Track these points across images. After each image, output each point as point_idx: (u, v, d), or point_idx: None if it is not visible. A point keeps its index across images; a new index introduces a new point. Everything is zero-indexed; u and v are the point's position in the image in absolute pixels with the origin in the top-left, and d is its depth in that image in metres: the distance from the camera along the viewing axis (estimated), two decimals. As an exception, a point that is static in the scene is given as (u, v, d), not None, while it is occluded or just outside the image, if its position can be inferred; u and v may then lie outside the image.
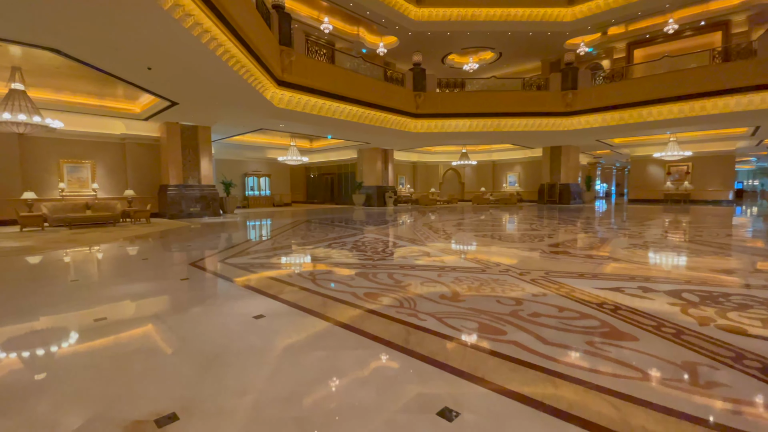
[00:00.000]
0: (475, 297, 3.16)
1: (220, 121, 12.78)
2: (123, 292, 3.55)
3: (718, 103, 13.07)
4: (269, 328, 2.54)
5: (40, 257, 5.45)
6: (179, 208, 12.59)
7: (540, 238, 6.84)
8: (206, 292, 3.49)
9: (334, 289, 3.44)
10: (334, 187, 24.81)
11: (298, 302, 3.07)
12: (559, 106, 16.43)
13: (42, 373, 1.93)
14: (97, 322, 2.71)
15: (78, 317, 2.85)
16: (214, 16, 6.88)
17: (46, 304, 3.14)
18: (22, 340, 2.39)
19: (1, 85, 8.51)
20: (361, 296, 3.20)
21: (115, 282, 3.94)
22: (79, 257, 5.51)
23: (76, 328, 2.63)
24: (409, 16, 16.19)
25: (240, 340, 2.33)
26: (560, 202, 19.42)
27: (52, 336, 2.49)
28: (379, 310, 2.84)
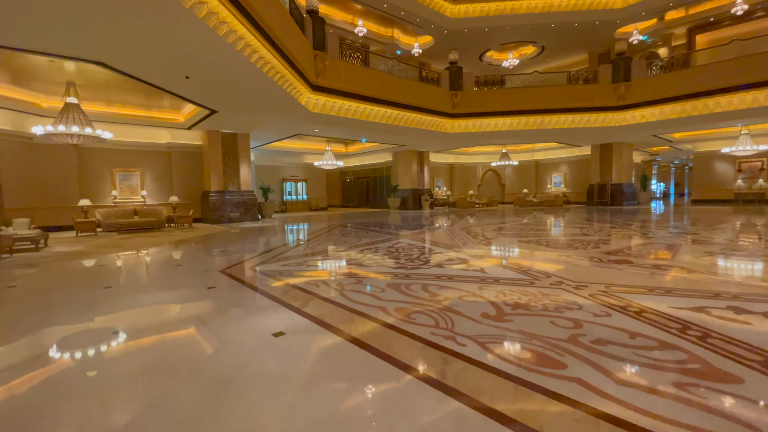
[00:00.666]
0: (523, 316, 2.73)
1: (258, 127, 13.03)
2: (148, 301, 3.47)
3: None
4: (288, 349, 2.27)
5: (84, 262, 5.64)
6: (220, 213, 12.95)
7: (594, 244, 6.16)
8: (229, 303, 3.31)
9: (362, 302, 3.14)
10: (369, 191, 24.73)
11: (323, 317, 2.80)
12: (610, 100, 15.23)
13: (35, 395, 1.78)
14: (111, 334, 2.59)
15: (92, 332, 2.75)
16: (248, 23, 6.90)
17: (70, 314, 3.10)
18: (23, 353, 2.30)
19: (57, 100, 9.10)
20: (391, 312, 2.87)
21: (145, 290, 3.89)
22: (119, 263, 5.64)
23: (83, 344, 2.51)
24: (445, 14, 15.73)
25: (255, 363, 2.08)
26: (612, 203, 18.00)
27: (50, 353, 2.38)
28: (412, 330, 2.49)
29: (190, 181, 13.63)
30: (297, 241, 7.70)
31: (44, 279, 4.58)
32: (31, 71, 8.13)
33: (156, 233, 9.87)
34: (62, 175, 11.14)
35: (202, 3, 5.90)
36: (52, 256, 6.31)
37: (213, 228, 11.11)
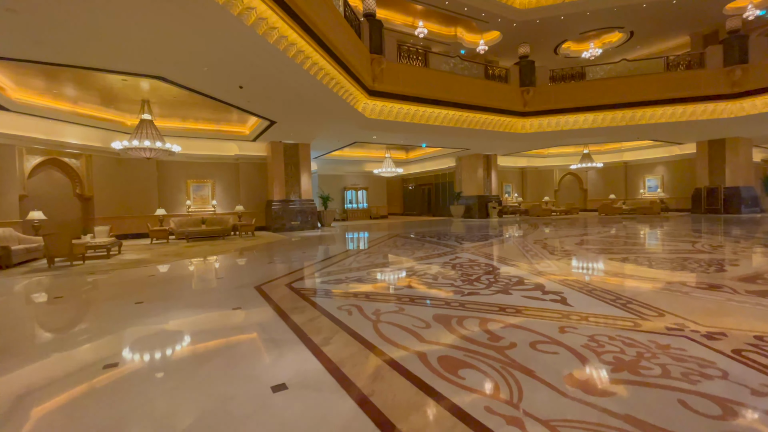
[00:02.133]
0: (631, 386, 1.79)
1: (317, 137, 13.04)
2: (162, 323, 3.14)
3: None
4: (283, 417, 1.65)
5: (141, 271, 5.73)
6: (282, 222, 13.15)
7: (716, 266, 4.70)
8: (241, 333, 2.83)
9: (397, 343, 2.43)
10: (431, 199, 23.84)
11: (342, 364, 2.14)
12: (721, 87, 12.63)
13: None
14: (89, 370, 2.21)
15: (81, 363, 2.42)
16: (299, 28, 6.67)
17: (78, 337, 2.85)
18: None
19: (132, 118, 9.84)
20: (433, 365, 2.11)
21: (169, 308, 3.61)
22: (169, 274, 5.62)
23: (52, 376, 2.15)
24: (514, 6, 14.45)
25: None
26: (726, 211, 14.91)
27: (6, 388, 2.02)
28: (457, 399, 1.72)
29: (256, 190, 14.11)
30: (345, 253, 7.23)
31: (92, 290, 4.62)
32: (114, 92, 8.87)
33: (219, 241, 10.18)
34: (144, 187, 12.15)
35: (250, 9, 5.76)
36: (118, 263, 6.59)
37: (273, 236, 11.22)
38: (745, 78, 12.19)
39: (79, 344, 2.70)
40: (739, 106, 12.48)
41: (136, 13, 5.07)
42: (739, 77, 12.21)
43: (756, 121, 12.75)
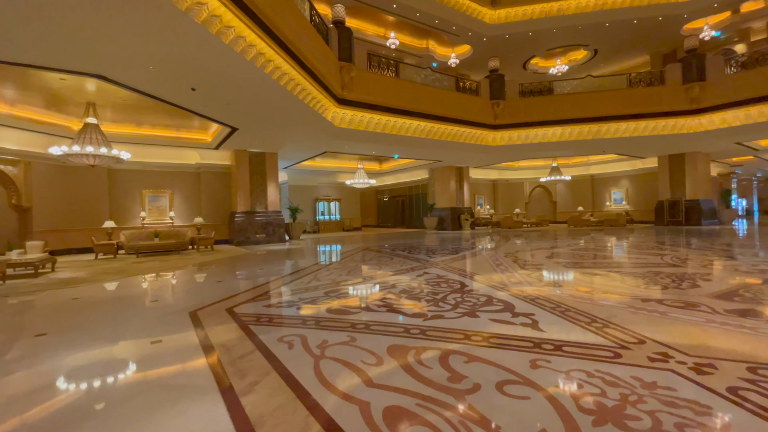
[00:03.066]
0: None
1: (285, 145, 12.52)
2: (62, 359, 2.54)
3: None
4: None
5: (67, 292, 4.99)
6: (246, 235, 12.43)
7: (689, 281, 4.53)
8: (144, 377, 2.29)
9: (339, 388, 1.97)
10: (405, 210, 23.60)
11: (260, 424, 1.67)
12: (681, 104, 13.11)
13: None
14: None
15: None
16: (258, 28, 6.23)
17: (-56, 385, 2.22)
18: None
19: (76, 121, 9.03)
20: (376, 420, 1.67)
21: (79, 339, 2.99)
22: (97, 297, 4.93)
23: None
24: (483, 20, 14.63)
25: None
26: (687, 222, 15.40)
27: None
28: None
29: (218, 202, 13.35)
30: (307, 269, 6.71)
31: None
32: (57, 94, 8.08)
33: (173, 257, 9.39)
34: (93, 197, 11.18)
35: (201, 5, 5.28)
36: (45, 284, 5.79)
37: (234, 251, 10.51)
38: (702, 95, 12.70)
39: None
40: (698, 122, 12.98)
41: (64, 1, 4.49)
42: (697, 94, 12.72)
43: (713, 137, 13.29)
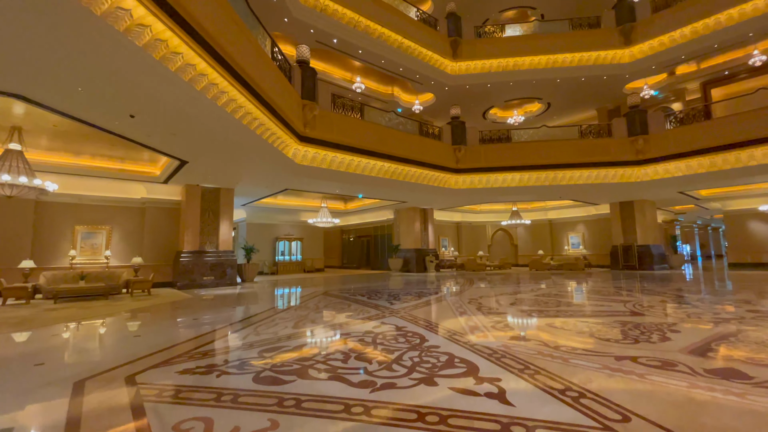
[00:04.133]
0: None
1: (242, 181, 11.90)
2: None
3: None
4: None
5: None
6: (192, 277, 11.31)
7: (659, 333, 4.28)
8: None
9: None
10: (370, 251, 23.08)
11: None
12: (627, 154, 13.97)
13: None
14: None
15: None
16: (209, 56, 5.87)
17: None
18: None
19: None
20: None
21: None
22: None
23: None
24: (446, 71, 15.32)
25: None
26: (640, 267, 15.94)
27: None
28: None
29: (164, 240, 12.23)
30: (249, 319, 5.94)
31: None
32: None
33: (100, 302, 8.19)
34: (12, 232, 9.82)
35: (143, 27, 4.87)
36: None
37: (175, 295, 9.41)
38: (647, 147, 13.63)
39: None
40: (644, 172, 13.81)
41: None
42: (642, 146, 13.63)
43: (658, 186, 14.14)
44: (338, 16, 12.28)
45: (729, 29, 12.14)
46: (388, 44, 13.57)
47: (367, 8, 12.90)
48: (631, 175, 13.93)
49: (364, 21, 12.80)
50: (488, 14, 17.65)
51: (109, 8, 4.42)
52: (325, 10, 11.99)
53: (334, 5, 12.00)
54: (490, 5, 17.19)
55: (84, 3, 4.21)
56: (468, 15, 16.75)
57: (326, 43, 12.91)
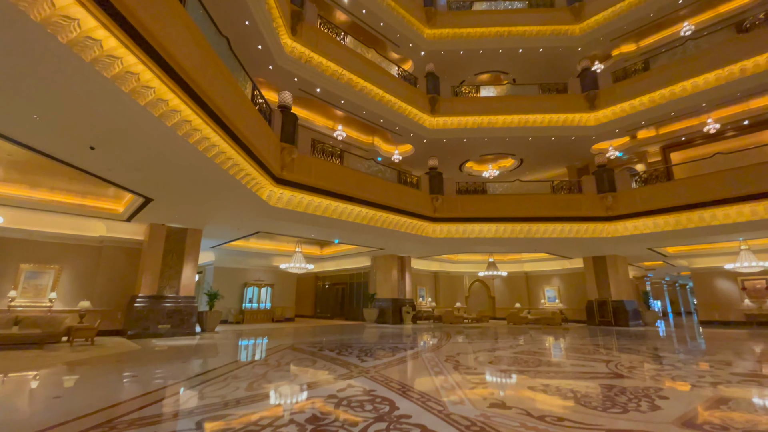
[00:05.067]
0: None
1: (211, 222, 11.38)
2: None
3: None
4: None
5: None
6: (145, 325, 10.29)
7: (647, 400, 3.96)
8: None
9: None
10: (344, 300, 22.20)
11: None
12: (598, 210, 14.42)
13: None
14: None
15: None
16: (186, 96, 5.71)
17: None
18: None
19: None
20: None
21: None
22: None
23: None
24: (424, 125, 15.90)
25: None
26: (616, 323, 15.85)
27: None
28: None
29: (120, 283, 11.29)
30: (201, 376, 5.26)
31: None
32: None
33: (30, 353, 7.18)
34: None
35: (113, 58, 4.70)
36: None
37: (122, 346, 8.43)
38: (615, 204, 14.13)
39: None
40: (613, 228, 14.19)
41: None
42: (611, 203, 14.14)
43: (628, 242, 14.49)
44: (322, 68, 12.72)
45: (683, 99, 13.28)
46: (369, 97, 14.05)
47: (351, 63, 13.47)
48: (602, 230, 14.28)
49: (347, 74, 13.29)
50: (464, 76, 18.84)
51: (77, 37, 4.25)
52: (310, 62, 12.41)
53: (319, 58, 12.46)
54: (466, 69, 18.43)
55: (50, 30, 4.04)
56: (445, 76, 17.80)
57: (309, 92, 13.23)
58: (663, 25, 16.26)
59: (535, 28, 16.75)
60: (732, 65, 12.37)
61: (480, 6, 18.11)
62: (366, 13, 15.41)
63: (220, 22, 9.22)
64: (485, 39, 16.86)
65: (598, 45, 17.02)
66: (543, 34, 16.81)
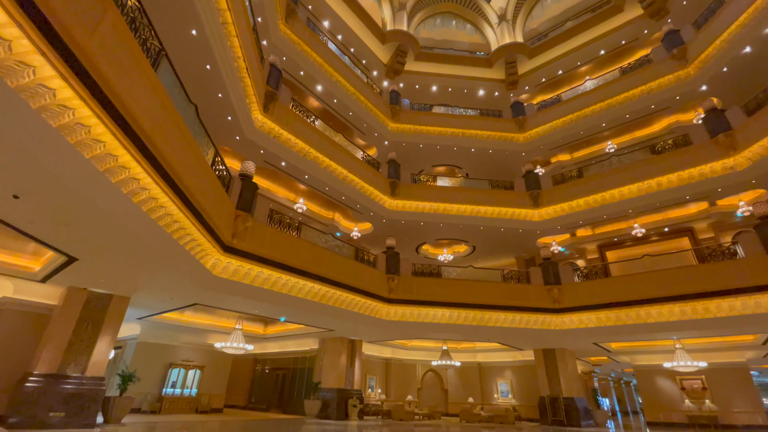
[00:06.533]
0: None
1: (143, 289, 10.26)
2: None
3: (722, 304, 11.72)
4: None
5: None
6: (33, 412, 8.38)
7: None
8: None
9: None
10: (285, 388, 19.93)
11: None
12: (545, 302, 14.85)
13: None
14: None
15: None
16: (132, 147, 5.50)
17: None
18: None
19: None
20: None
21: None
22: None
23: None
24: (384, 206, 16.44)
25: None
26: (568, 422, 15.29)
27: None
28: None
29: (16, 355, 9.47)
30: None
31: None
32: None
33: None
34: None
35: (44, 88, 4.53)
36: None
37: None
38: (561, 297, 14.67)
39: None
40: (560, 321, 14.52)
41: None
42: (557, 295, 14.67)
43: (575, 335, 14.76)
44: (290, 144, 13.18)
45: (613, 205, 14.96)
46: (334, 175, 14.53)
47: (318, 143, 14.13)
48: (549, 322, 14.53)
49: (314, 152, 13.84)
50: (423, 166, 20.36)
51: (28, 83, 4.09)
52: (279, 138, 12.86)
53: (288, 134, 12.98)
54: (425, 160, 20.02)
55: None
56: (406, 164, 19.11)
57: (274, 164, 13.46)
58: (592, 142, 19.05)
59: (485, 133, 18.94)
60: (650, 180, 14.39)
61: (438, 109, 20.42)
62: (337, 102, 16.77)
63: (194, 90, 9.51)
64: (442, 137, 18.70)
65: (539, 152, 19.39)
66: (492, 138, 18.98)
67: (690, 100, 15.86)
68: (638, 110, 16.70)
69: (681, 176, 13.90)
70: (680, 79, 15.55)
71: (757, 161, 12.25)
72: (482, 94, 22.15)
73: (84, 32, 4.38)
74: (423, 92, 21.95)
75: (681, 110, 16.74)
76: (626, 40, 18.81)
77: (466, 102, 22.06)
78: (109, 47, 4.80)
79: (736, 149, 12.87)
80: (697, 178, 13.61)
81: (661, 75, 16.08)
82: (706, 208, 14.94)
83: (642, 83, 16.49)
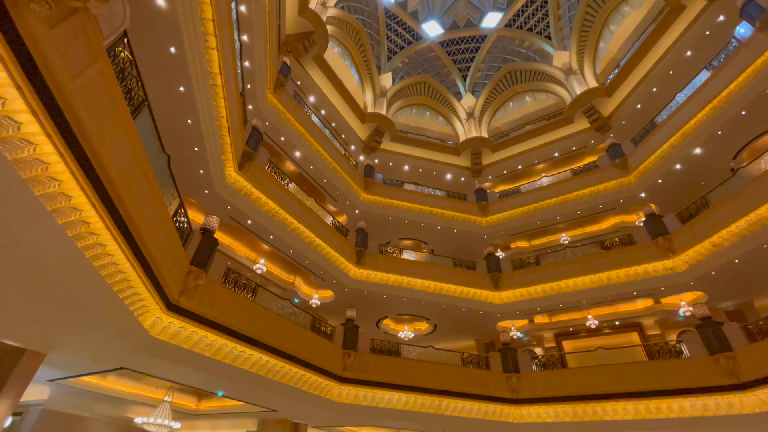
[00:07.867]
0: None
1: (62, 345, 8.95)
2: None
3: (673, 404, 11.79)
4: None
5: None
6: None
7: None
8: None
9: None
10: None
11: None
12: (504, 391, 14.31)
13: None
14: None
15: None
16: (84, 180, 5.23)
17: None
18: None
19: None
20: None
21: None
22: None
23: None
24: (349, 274, 16.15)
25: None
26: None
27: None
28: None
29: None
30: None
31: None
32: None
33: None
34: None
35: (28, 144, 4.36)
36: None
37: None
38: (520, 386, 14.23)
39: None
40: (519, 413, 13.90)
41: None
42: (516, 385, 14.22)
43: (535, 430, 14.05)
44: (260, 204, 13.09)
45: (567, 294, 15.51)
46: (300, 238, 14.33)
47: (288, 204, 14.13)
48: (509, 414, 13.87)
49: (283, 213, 13.76)
50: (390, 238, 20.64)
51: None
52: (249, 196, 12.79)
53: (258, 193, 12.95)
54: (393, 232, 20.39)
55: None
56: (374, 234, 19.30)
57: (240, 222, 13.17)
58: (548, 232, 20.33)
59: (451, 213, 19.87)
60: (601, 273, 15.24)
61: (409, 187, 21.45)
62: (313, 168, 17.24)
63: (170, 140, 9.51)
64: (411, 212, 19.37)
65: (500, 237, 20.36)
66: (457, 219, 19.88)
67: (632, 204, 17.67)
68: (588, 208, 18.30)
69: (628, 272, 14.86)
70: (623, 185, 17.48)
71: (694, 264, 13.42)
72: (450, 177, 23.71)
73: (68, 75, 4.40)
74: (396, 170, 23.19)
75: (625, 212, 18.52)
76: (576, 146, 21.31)
77: (434, 183, 23.40)
78: (91, 91, 4.82)
79: (674, 252, 14.12)
80: (642, 275, 14.59)
81: (606, 180, 18.02)
82: (652, 305, 15.80)
83: (591, 185, 18.34)
